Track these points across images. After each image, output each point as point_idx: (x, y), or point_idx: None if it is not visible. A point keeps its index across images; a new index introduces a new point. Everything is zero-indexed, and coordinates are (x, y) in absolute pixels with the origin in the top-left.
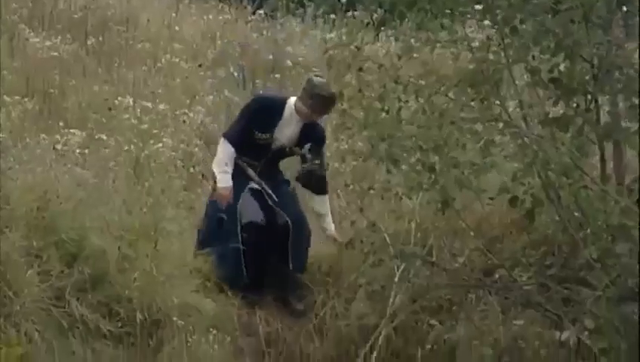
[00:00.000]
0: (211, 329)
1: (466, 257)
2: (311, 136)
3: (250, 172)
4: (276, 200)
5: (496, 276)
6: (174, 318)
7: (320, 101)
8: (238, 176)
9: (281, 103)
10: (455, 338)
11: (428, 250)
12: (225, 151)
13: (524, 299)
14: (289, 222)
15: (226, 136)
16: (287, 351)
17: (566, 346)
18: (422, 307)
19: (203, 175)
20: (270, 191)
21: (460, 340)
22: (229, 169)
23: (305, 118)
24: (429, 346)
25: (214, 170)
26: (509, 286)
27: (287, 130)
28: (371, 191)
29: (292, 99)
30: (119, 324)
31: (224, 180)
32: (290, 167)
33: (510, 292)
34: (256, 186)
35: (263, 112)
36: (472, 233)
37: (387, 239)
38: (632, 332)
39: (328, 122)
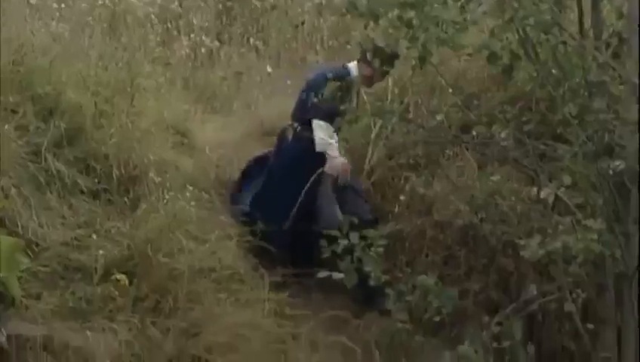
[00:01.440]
0: (188, 186)
1: (443, 114)
2: None
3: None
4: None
5: (473, 132)
6: (151, 174)
7: (384, 60)
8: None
9: (348, 72)
10: (432, 194)
11: (405, 107)
12: (326, 131)
13: (501, 155)
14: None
15: (320, 116)
16: None
17: (542, 202)
18: (399, 164)
19: (179, 31)
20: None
21: (437, 196)
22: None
23: (367, 82)
24: (404, 199)
25: (322, 149)
26: (486, 143)
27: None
28: (348, 47)
29: (351, 65)
30: (96, 180)
31: (337, 154)
32: None
33: (487, 148)
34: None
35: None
36: (449, 89)
37: (364, 96)
38: (608, 188)
39: None
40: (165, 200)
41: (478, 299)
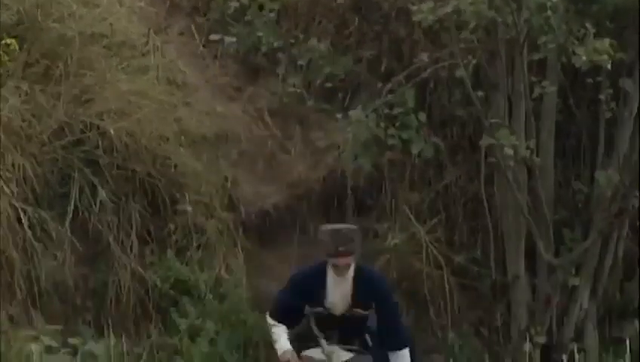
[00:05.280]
0: None
1: None
2: (367, 292)
3: (322, 342)
4: None
5: None
6: None
7: (332, 242)
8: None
9: (321, 269)
10: None
11: None
12: (273, 330)
13: None
14: None
15: (271, 314)
16: None
17: None
18: None
19: None
20: None
21: None
22: (283, 335)
23: (339, 273)
24: None
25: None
26: None
27: (338, 295)
28: None
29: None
30: None
31: (280, 346)
32: None
33: None
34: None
35: (304, 283)
36: None
37: None
38: None
39: None
40: None
41: (371, 66)
